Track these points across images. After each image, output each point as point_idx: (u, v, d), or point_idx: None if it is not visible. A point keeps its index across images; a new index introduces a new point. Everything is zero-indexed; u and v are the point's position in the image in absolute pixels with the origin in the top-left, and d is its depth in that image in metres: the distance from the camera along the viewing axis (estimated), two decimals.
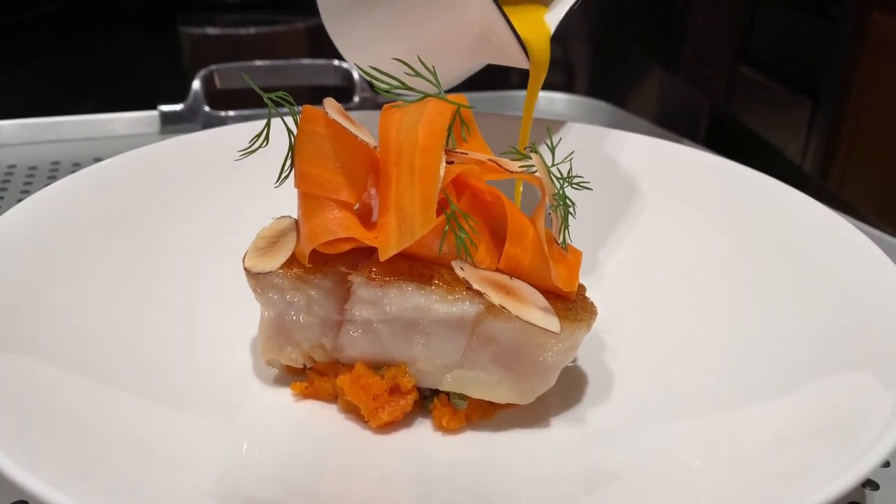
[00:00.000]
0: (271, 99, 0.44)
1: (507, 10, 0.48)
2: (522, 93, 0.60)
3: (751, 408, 0.42)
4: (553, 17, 0.55)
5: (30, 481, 0.31)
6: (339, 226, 0.42)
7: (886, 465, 0.44)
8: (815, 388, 0.40)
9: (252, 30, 1.63)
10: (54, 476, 0.33)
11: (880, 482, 0.43)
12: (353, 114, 0.62)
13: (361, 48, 0.57)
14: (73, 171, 0.78)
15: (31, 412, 0.37)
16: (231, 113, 0.90)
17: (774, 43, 2.35)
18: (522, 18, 0.54)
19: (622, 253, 0.56)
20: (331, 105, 0.43)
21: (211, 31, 1.61)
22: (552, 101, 1.00)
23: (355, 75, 0.96)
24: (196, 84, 0.91)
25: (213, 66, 0.93)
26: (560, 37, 0.55)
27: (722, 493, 0.37)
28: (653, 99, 1.52)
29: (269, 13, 1.67)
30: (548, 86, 0.91)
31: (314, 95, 1.12)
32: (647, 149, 0.59)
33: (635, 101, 1.51)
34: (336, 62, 0.97)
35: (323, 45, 0.59)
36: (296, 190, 0.44)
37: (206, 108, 0.90)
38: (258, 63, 0.95)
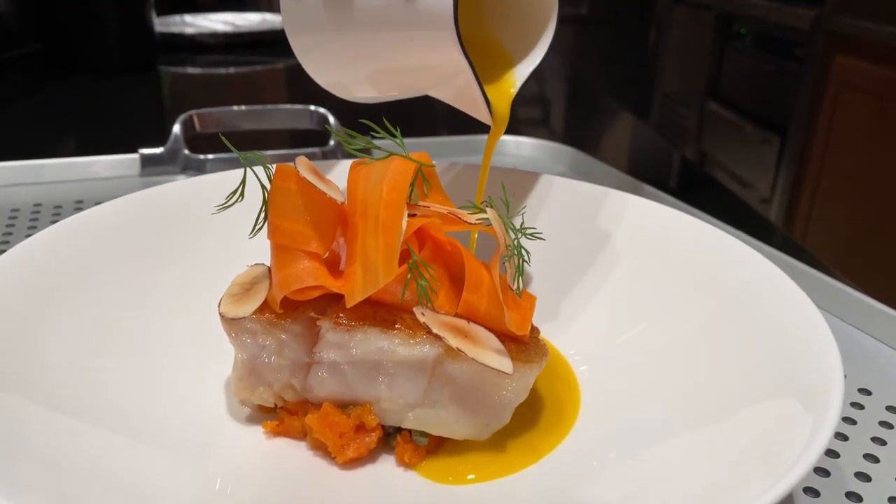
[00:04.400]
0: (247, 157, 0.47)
1: (474, 57, 0.51)
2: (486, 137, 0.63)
3: (691, 437, 0.45)
4: (519, 74, 0.59)
5: None
6: (308, 275, 0.46)
7: (816, 495, 0.47)
8: (746, 416, 0.44)
9: (232, 70, 1.67)
10: None
11: None
12: (326, 163, 0.66)
13: (326, 67, 0.59)
14: (54, 213, 0.81)
15: (16, 450, 0.39)
16: (210, 156, 0.94)
17: (743, 82, 2.43)
18: (490, 75, 0.58)
19: (578, 299, 0.60)
20: (302, 164, 0.47)
21: (191, 70, 1.65)
22: (519, 145, 1.04)
23: (331, 119, 0.99)
24: (176, 128, 0.94)
25: (193, 111, 0.97)
26: (531, 77, 0.58)
27: None
28: (622, 142, 1.57)
29: (249, 54, 1.71)
30: (516, 128, 0.95)
31: (292, 137, 1.15)
32: (601, 199, 0.63)
33: (604, 143, 1.56)
34: (312, 107, 1.01)
35: (301, 85, 0.62)
36: (269, 241, 0.47)
37: (186, 152, 0.93)
38: (236, 108, 0.98)
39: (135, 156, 0.94)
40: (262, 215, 0.48)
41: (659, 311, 0.55)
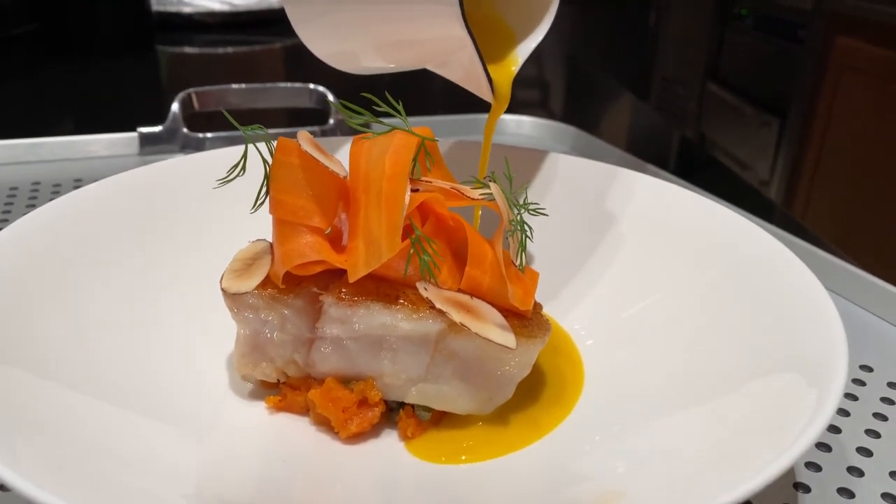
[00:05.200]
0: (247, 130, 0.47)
1: (476, 33, 0.51)
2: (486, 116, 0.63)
3: (696, 409, 0.45)
4: (521, 52, 0.58)
5: (18, 482, 0.33)
6: (311, 250, 0.46)
7: (818, 469, 0.48)
8: (750, 390, 0.44)
9: (230, 49, 1.66)
10: (41, 479, 0.35)
11: (811, 485, 0.46)
12: (327, 140, 0.65)
13: (323, 37, 0.59)
14: (53, 192, 0.81)
15: (19, 421, 0.39)
16: (209, 135, 0.93)
17: (743, 63, 2.42)
18: (493, 52, 0.58)
19: (584, 274, 0.59)
20: (304, 138, 0.46)
21: (189, 50, 1.64)
22: (520, 124, 1.04)
23: (330, 98, 0.99)
24: (175, 106, 0.94)
25: (192, 89, 0.96)
26: (531, 59, 0.58)
27: (665, 485, 0.40)
28: (623, 122, 1.56)
29: (247, 33, 1.70)
30: (517, 109, 0.95)
31: (291, 116, 1.15)
32: (606, 176, 0.63)
33: (604, 124, 1.55)
34: (311, 86, 1.00)
35: (299, 64, 0.62)
36: (270, 215, 0.47)
37: (185, 130, 0.93)
38: (235, 86, 0.97)
39: (133, 134, 0.93)
40: (264, 190, 0.48)
41: (663, 286, 0.55)
